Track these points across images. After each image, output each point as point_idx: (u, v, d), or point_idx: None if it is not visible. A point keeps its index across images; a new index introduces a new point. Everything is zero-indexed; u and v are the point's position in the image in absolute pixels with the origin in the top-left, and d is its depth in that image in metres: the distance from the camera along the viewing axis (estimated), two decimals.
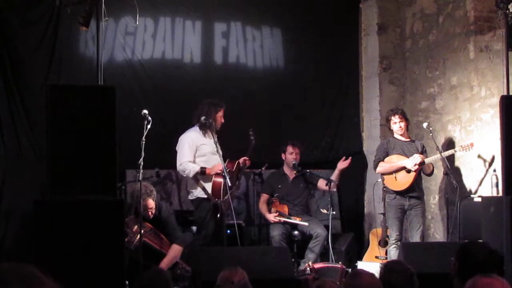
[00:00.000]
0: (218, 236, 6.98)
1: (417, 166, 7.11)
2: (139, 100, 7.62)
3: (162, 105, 7.73)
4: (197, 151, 6.90)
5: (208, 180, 6.86)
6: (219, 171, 6.72)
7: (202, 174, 6.81)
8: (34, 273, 1.38)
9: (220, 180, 6.78)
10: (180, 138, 6.96)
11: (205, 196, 6.86)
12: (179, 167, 6.87)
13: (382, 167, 7.37)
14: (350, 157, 7.62)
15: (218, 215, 6.77)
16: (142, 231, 6.11)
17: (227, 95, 8.36)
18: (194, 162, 6.86)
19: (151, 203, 6.55)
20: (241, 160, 7.10)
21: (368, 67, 9.17)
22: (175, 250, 6.64)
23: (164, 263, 6.47)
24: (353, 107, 9.25)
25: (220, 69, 8.57)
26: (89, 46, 7.59)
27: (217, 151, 6.76)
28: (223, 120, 7.04)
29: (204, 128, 6.97)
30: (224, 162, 6.95)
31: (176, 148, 6.93)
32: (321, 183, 7.82)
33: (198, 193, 6.92)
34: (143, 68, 8.14)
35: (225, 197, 6.76)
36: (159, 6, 8.22)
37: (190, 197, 7.06)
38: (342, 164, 7.57)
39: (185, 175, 6.95)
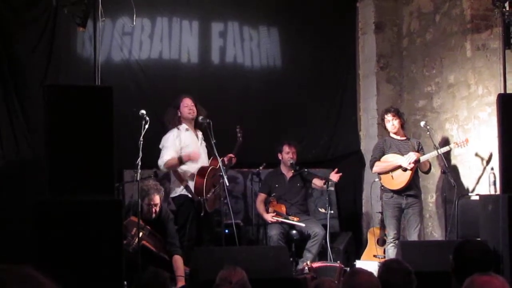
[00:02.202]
0: (206, 236, 6.99)
1: (412, 165, 7.12)
2: (136, 100, 7.59)
3: (159, 105, 7.71)
4: (181, 150, 6.92)
5: (191, 178, 6.88)
6: (192, 158, 6.75)
7: (180, 163, 6.80)
8: (32, 274, 1.38)
9: (202, 178, 6.79)
10: (163, 138, 6.97)
11: (188, 194, 6.87)
12: (160, 163, 6.85)
13: (378, 166, 7.39)
14: (340, 174, 7.58)
15: (202, 213, 6.77)
16: (141, 234, 6.09)
17: (224, 95, 8.40)
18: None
19: (157, 199, 6.50)
20: (226, 157, 7.09)
21: (365, 66, 9.18)
22: (180, 262, 6.48)
23: (180, 278, 6.35)
24: (350, 106, 9.25)
25: (217, 69, 8.56)
26: (86, 46, 7.56)
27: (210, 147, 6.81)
28: (193, 108, 7.01)
29: (200, 128, 7.04)
30: (208, 159, 7.00)
31: (160, 147, 6.94)
32: (316, 181, 7.82)
33: (180, 190, 6.92)
34: (141, 68, 8.13)
35: (208, 195, 6.77)
36: (156, 6, 8.20)
37: (172, 194, 7.05)
38: (334, 177, 7.57)
39: (164, 169, 6.90)
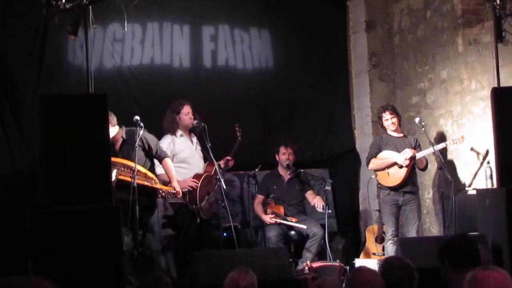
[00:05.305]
0: (205, 240, 7.03)
1: (408, 161, 7.12)
2: (129, 106, 7.58)
3: (153, 111, 7.69)
4: (174, 157, 6.93)
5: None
6: (190, 188, 6.79)
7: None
8: (43, 285, 1.37)
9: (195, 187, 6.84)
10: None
11: (183, 201, 6.88)
12: (157, 172, 6.81)
13: (373, 163, 7.39)
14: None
15: (198, 220, 6.83)
16: (115, 171, 5.97)
17: (217, 98, 8.38)
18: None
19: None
20: (222, 161, 7.06)
21: (357, 64, 9.19)
22: (169, 163, 6.69)
23: (174, 181, 6.56)
24: (344, 105, 9.25)
25: (209, 72, 8.54)
26: (78, 54, 7.52)
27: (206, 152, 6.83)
28: (192, 117, 7.07)
29: (194, 132, 7.04)
30: (204, 163, 7.01)
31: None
32: (310, 196, 7.86)
33: (176, 198, 6.93)
34: (133, 75, 8.09)
35: (202, 203, 6.82)
36: (147, 12, 8.14)
37: (169, 200, 7.05)
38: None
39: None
